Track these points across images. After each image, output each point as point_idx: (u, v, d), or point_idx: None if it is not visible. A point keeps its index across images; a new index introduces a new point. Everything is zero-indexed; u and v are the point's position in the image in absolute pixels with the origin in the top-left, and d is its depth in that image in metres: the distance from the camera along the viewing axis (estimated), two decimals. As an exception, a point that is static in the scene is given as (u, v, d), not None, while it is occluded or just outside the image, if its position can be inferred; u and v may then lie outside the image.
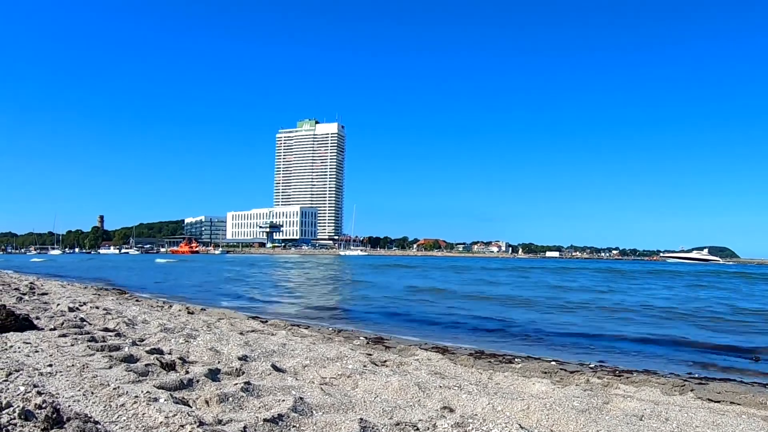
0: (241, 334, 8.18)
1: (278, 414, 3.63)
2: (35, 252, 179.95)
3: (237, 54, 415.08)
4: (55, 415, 3.07)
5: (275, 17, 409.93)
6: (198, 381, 4.46)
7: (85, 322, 7.57)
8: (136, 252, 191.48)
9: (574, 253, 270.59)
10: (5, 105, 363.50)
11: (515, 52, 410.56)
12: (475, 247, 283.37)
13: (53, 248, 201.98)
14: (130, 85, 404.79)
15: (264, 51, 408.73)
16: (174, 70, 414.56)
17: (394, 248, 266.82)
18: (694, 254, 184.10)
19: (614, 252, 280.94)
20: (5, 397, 3.32)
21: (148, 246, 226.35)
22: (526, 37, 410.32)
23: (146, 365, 4.79)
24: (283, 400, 3.94)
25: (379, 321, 14.03)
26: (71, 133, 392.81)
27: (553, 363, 8.16)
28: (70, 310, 9.26)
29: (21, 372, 4.18)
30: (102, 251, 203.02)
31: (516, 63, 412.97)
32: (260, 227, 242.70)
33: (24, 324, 6.42)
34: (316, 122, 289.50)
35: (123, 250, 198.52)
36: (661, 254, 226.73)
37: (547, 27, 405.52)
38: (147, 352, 5.45)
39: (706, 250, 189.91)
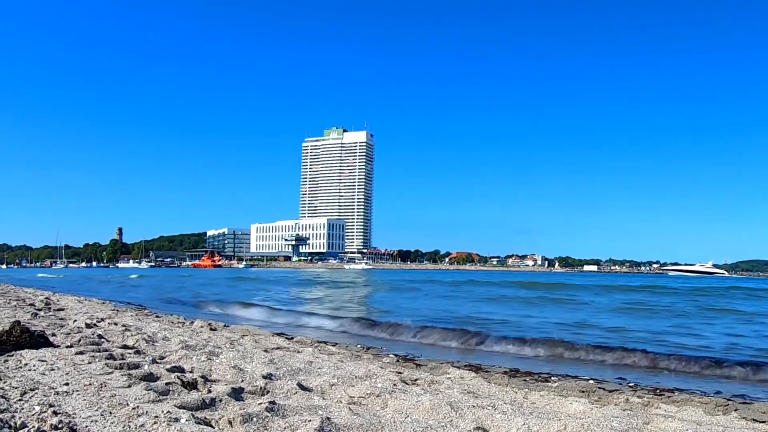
0: (265, 351, 8.01)
1: (304, 437, 3.45)
2: (61, 266, 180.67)
3: (261, 60, 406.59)
4: (68, 439, 2.94)
5: (300, 23, 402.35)
6: (221, 400, 4.28)
7: (103, 339, 7.46)
8: (150, 265, 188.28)
9: (612, 267, 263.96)
10: (17, 113, 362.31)
11: (548, 59, 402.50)
12: (510, 260, 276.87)
13: (55, 263, 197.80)
14: (151, 93, 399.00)
15: (289, 57, 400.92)
16: (197, 77, 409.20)
17: (425, 262, 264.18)
18: (697, 267, 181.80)
19: (655, 265, 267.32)
20: (20, 417, 3.24)
21: (168, 260, 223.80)
22: (562, 43, 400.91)
23: (167, 384, 4.63)
24: (310, 421, 3.75)
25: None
26: (88, 142, 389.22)
27: (591, 381, 7.86)
28: (88, 326, 9.12)
29: (36, 391, 4.07)
30: (120, 265, 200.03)
31: (549, 70, 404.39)
32: (285, 240, 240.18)
33: (39, 341, 6.33)
34: (344, 130, 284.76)
35: (143, 264, 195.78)
36: (664, 267, 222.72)
37: (589, 31, 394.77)
38: (167, 370, 5.30)
39: (710, 263, 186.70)
